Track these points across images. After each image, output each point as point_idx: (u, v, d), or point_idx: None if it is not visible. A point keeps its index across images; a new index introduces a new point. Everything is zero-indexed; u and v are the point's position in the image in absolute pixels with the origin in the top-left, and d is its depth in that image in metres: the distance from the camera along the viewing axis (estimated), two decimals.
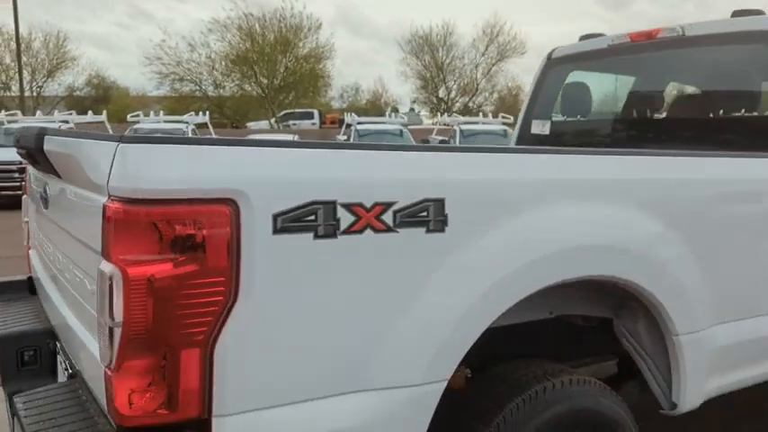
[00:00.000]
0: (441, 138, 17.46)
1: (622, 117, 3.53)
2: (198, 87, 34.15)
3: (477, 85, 40.33)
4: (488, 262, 1.63)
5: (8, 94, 37.32)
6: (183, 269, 1.29)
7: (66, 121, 16.89)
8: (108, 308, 1.29)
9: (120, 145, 1.30)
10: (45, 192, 2.04)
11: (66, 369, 2.00)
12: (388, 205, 1.48)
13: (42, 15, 60.79)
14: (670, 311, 2.01)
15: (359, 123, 17.62)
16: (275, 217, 1.35)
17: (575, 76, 3.68)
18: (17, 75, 31.44)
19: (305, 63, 36.64)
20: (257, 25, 33.35)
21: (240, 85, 34.81)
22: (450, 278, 1.58)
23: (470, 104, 39.66)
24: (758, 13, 2.91)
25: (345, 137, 17.46)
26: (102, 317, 1.32)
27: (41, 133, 1.67)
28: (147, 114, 18.95)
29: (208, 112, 20.25)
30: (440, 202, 1.56)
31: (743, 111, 2.94)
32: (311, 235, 1.39)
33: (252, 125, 30.95)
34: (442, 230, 1.57)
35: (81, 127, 17.15)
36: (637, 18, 61.84)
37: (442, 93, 40.57)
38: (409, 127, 19.62)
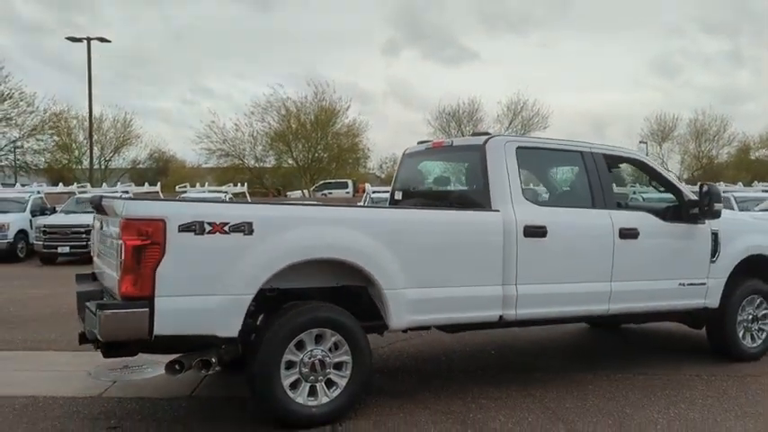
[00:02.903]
0: None
1: (422, 189, 5.99)
2: (241, 161, 38.18)
3: None
4: (273, 247, 4.05)
5: (80, 167, 41.99)
6: (147, 242, 3.75)
7: (127, 191, 20.18)
8: (121, 257, 3.76)
9: (125, 201, 3.82)
10: (101, 224, 4.59)
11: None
12: (227, 223, 3.94)
13: (112, 92, 67.25)
14: (378, 279, 4.36)
15: (373, 192, 20.56)
16: (179, 226, 3.81)
17: (410, 164, 6.16)
18: (88, 151, 35.93)
19: (343, 138, 40.28)
20: (294, 108, 37.41)
21: (278, 159, 38.69)
22: (254, 253, 3.99)
23: None
24: (485, 134, 5.32)
25: (364, 202, 20.31)
26: (118, 260, 3.80)
27: (99, 197, 4.23)
28: (193, 185, 22.14)
29: (246, 183, 23.35)
30: (251, 223, 4.00)
31: (457, 187, 5.38)
32: (193, 233, 3.85)
33: (290, 194, 34.33)
34: (251, 234, 4.00)
35: (138, 195, 20.45)
36: (688, 87, 63.56)
37: None
38: None
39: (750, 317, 6.18)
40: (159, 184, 22.05)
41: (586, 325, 7.65)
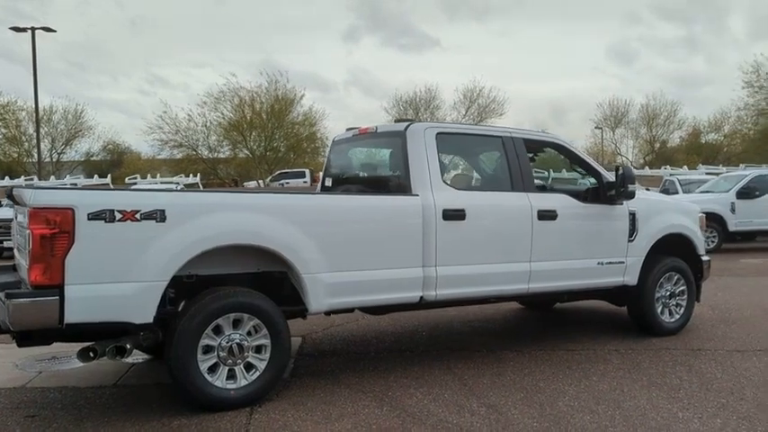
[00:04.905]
0: None
1: (350, 175, 6.09)
2: (194, 152, 37.68)
3: None
4: (186, 234, 4.09)
5: (31, 160, 40.90)
6: (55, 231, 3.76)
7: (75, 184, 19.80)
8: (29, 246, 3.76)
9: (33, 190, 3.82)
10: (17, 214, 4.56)
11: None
12: (138, 211, 3.96)
13: (66, 82, 65.50)
14: (295, 264, 4.45)
15: None
16: (88, 215, 3.83)
17: (339, 151, 6.24)
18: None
19: (301, 128, 40.06)
20: (248, 97, 37.07)
21: (232, 149, 38.34)
22: (167, 240, 4.03)
23: None
24: (407, 120, 5.43)
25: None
26: (27, 249, 3.80)
27: (11, 189, 4.21)
28: (144, 177, 21.83)
29: (198, 174, 23.10)
30: (163, 210, 4.03)
31: (381, 172, 5.49)
32: (103, 221, 3.87)
33: (246, 184, 34.09)
34: (164, 222, 4.04)
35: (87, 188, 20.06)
36: (646, 73, 65.04)
37: None
38: None
39: (668, 293, 6.47)
40: (109, 176, 21.70)
41: (520, 305, 7.88)
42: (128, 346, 4.09)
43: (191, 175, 22.40)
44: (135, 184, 20.60)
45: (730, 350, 5.85)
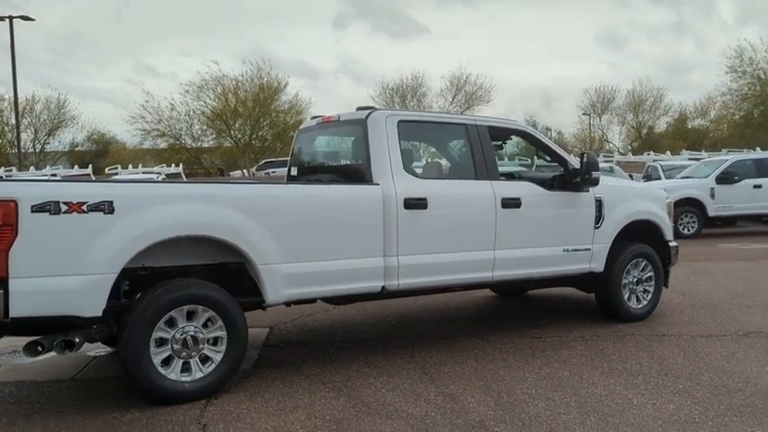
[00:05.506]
0: None
1: (315, 164, 6.03)
2: (177, 141, 37.40)
3: None
4: (135, 226, 4.03)
5: (14, 151, 40.46)
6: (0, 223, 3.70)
7: (54, 174, 19.59)
8: None
9: None
10: None
11: None
12: (84, 202, 3.90)
13: (52, 72, 64.76)
14: (251, 255, 4.40)
15: None
16: (32, 207, 3.76)
17: (304, 139, 6.18)
18: (22, 134, 34.60)
19: (287, 116, 39.84)
20: (231, 85, 36.79)
21: (216, 138, 38.08)
22: (116, 232, 3.97)
23: None
24: (369, 108, 5.37)
25: None
26: None
27: None
28: (125, 167, 21.65)
29: (181, 164, 22.93)
30: (111, 202, 3.97)
31: (344, 161, 5.44)
32: (48, 213, 3.80)
33: (232, 173, 33.92)
34: (112, 213, 3.98)
35: (67, 179, 19.87)
36: (636, 58, 65.14)
37: None
38: None
39: (635, 279, 6.48)
40: (90, 166, 21.49)
41: (493, 293, 7.88)
42: (77, 340, 4.04)
43: (173, 165, 22.22)
44: (116, 174, 20.46)
45: (694, 335, 5.87)
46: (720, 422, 3.85)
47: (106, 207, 3.96)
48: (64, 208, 3.84)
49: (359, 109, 5.44)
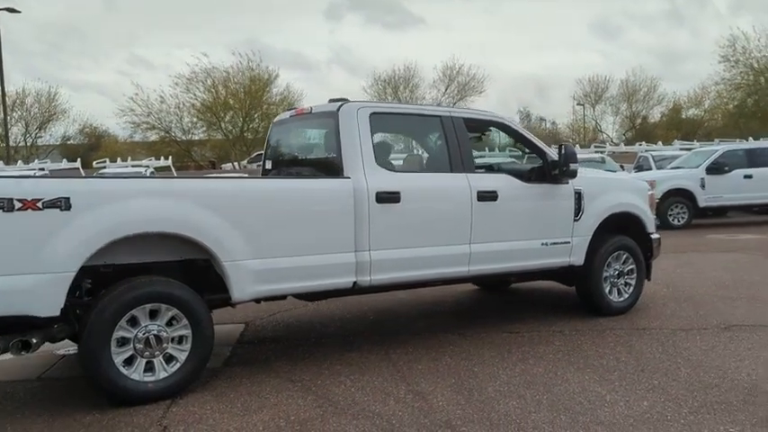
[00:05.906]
0: None
1: (288, 157, 5.92)
2: (167, 134, 37.17)
3: None
4: (93, 222, 3.91)
5: (3, 144, 40.18)
6: None
7: (42, 168, 19.41)
8: None
9: None
10: None
11: None
12: (40, 199, 3.78)
13: (45, 65, 64.25)
14: (216, 251, 4.29)
15: None
16: None
17: (278, 132, 6.07)
18: (13, 128, 34.38)
19: (279, 108, 39.61)
20: (220, 78, 36.55)
21: (207, 131, 37.89)
22: (73, 229, 3.86)
23: None
24: (342, 100, 5.25)
25: None
26: None
27: None
28: (114, 160, 21.46)
29: (171, 157, 22.76)
30: (68, 198, 3.85)
31: (317, 154, 5.33)
32: (1, 211, 3.68)
33: (223, 166, 33.78)
34: (69, 210, 3.86)
35: (55, 173, 19.70)
36: (630, 47, 64.91)
37: None
38: None
39: (616, 272, 6.40)
40: (79, 160, 21.30)
41: (475, 286, 7.80)
42: (34, 341, 3.93)
43: (162, 157, 22.03)
44: (104, 168, 20.28)
45: (675, 329, 5.79)
46: (693, 419, 3.77)
47: (63, 204, 3.84)
48: (18, 205, 3.72)
49: (331, 101, 5.32)
